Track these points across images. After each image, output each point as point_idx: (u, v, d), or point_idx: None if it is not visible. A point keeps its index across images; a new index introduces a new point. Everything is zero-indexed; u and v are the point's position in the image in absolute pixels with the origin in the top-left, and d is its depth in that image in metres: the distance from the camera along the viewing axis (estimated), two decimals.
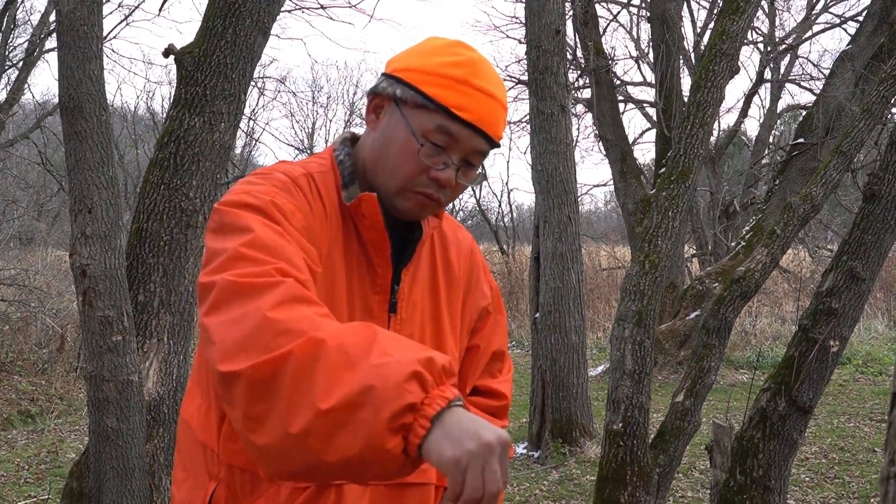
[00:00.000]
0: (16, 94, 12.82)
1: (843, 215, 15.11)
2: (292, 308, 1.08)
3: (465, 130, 1.30)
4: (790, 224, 3.68)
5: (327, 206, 1.33)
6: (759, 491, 3.35)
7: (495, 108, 1.32)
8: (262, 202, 1.23)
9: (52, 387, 8.07)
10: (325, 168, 1.38)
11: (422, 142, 1.30)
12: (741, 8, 3.73)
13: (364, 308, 1.35)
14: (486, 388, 1.54)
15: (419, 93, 1.29)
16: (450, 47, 1.35)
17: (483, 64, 1.33)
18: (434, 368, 1.03)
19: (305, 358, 1.02)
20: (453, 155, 1.31)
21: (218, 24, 3.64)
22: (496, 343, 1.56)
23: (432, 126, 1.29)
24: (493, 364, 1.55)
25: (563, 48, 6.63)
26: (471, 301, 1.51)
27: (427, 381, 1.01)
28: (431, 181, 1.32)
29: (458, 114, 1.28)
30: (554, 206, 6.49)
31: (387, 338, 1.06)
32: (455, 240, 1.52)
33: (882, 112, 3.68)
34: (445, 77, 1.30)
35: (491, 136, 1.32)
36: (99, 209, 3.29)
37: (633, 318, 3.59)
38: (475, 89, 1.30)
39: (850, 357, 9.76)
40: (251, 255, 1.14)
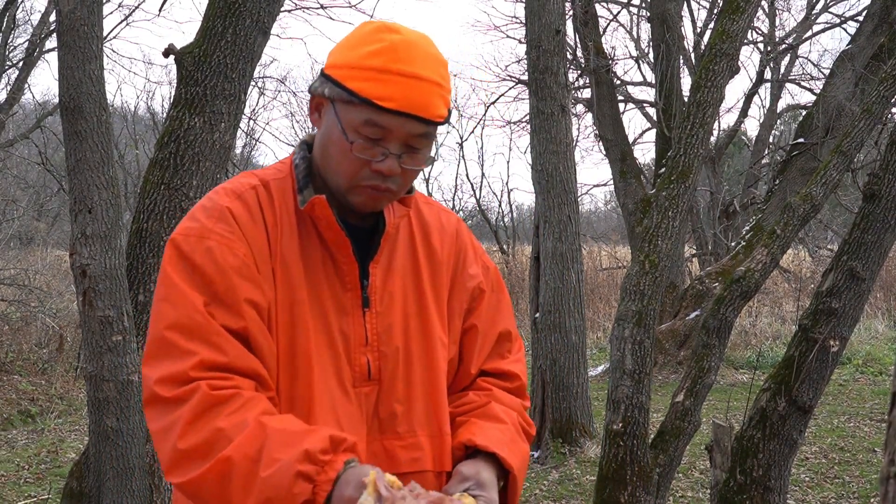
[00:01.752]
0: (16, 94, 12.82)
1: (843, 215, 15.11)
2: (204, 421, 1.22)
3: (395, 119, 1.28)
4: (790, 224, 3.68)
5: (279, 214, 1.36)
6: (759, 491, 3.35)
7: (424, 88, 1.29)
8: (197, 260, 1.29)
9: (52, 387, 8.07)
10: (283, 174, 1.40)
11: (352, 138, 1.30)
12: (741, 8, 3.73)
13: (337, 307, 1.36)
14: (497, 371, 1.53)
15: (344, 89, 1.29)
16: (373, 34, 1.33)
17: (406, 46, 1.30)
18: (313, 457, 1.18)
19: (218, 477, 1.20)
20: (390, 144, 1.31)
21: (218, 24, 3.64)
22: (500, 323, 1.54)
23: (361, 120, 1.29)
24: (501, 345, 1.54)
25: (563, 48, 6.63)
26: (460, 283, 1.50)
27: (310, 473, 1.18)
28: (375, 174, 1.32)
29: (382, 104, 1.27)
30: (554, 206, 6.49)
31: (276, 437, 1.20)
32: (438, 223, 1.51)
33: (882, 112, 3.68)
34: (366, 69, 1.29)
35: (426, 118, 1.30)
36: (99, 209, 3.29)
37: (633, 318, 3.59)
38: (397, 75, 1.28)
39: (851, 357, 9.75)
40: (172, 340, 1.26)
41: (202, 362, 1.23)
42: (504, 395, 1.50)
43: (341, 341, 1.36)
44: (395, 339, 1.40)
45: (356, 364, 1.37)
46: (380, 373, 1.38)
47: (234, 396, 1.22)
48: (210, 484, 1.20)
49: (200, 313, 1.25)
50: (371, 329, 1.38)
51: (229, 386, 1.23)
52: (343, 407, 1.35)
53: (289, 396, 1.32)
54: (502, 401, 1.48)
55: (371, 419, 1.38)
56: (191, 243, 1.30)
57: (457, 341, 1.49)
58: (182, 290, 1.27)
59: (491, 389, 1.50)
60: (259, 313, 1.29)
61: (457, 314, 1.49)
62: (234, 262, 1.29)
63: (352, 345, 1.37)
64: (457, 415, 1.46)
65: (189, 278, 1.28)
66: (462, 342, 1.51)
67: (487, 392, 1.49)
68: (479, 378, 1.52)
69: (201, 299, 1.26)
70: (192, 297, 1.27)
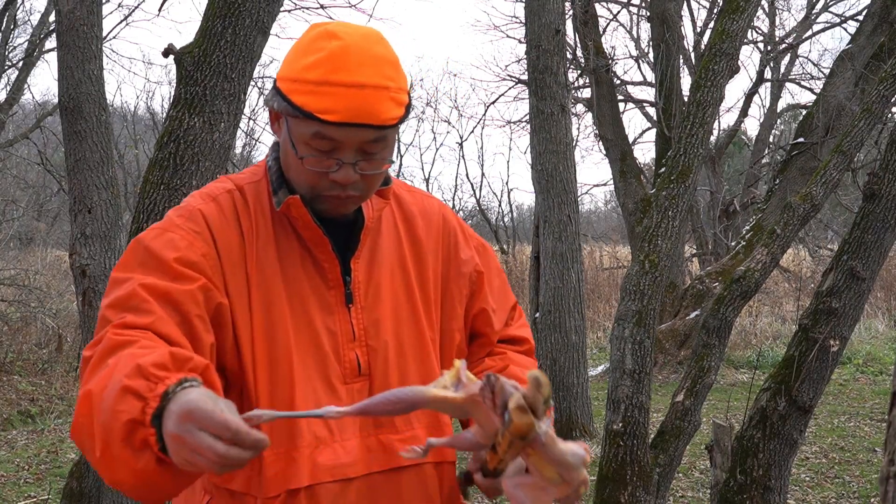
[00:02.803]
0: (16, 94, 12.82)
1: (843, 215, 15.11)
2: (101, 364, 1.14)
3: (342, 130, 1.26)
4: (790, 223, 3.68)
5: (255, 217, 1.35)
6: (759, 491, 3.35)
7: (367, 95, 1.25)
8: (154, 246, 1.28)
9: (51, 387, 8.08)
10: (258, 177, 1.40)
11: (302, 153, 1.28)
12: (741, 7, 3.73)
13: (322, 305, 1.36)
14: (507, 336, 1.55)
15: (290, 104, 1.27)
16: (313, 43, 1.30)
17: (344, 53, 1.26)
18: (146, 371, 1.06)
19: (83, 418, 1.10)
20: (343, 154, 1.28)
21: (217, 24, 3.64)
22: (507, 299, 1.56)
23: (309, 134, 1.27)
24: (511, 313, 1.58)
25: (562, 48, 6.63)
26: (455, 269, 1.49)
27: (140, 388, 1.05)
28: (333, 184, 1.30)
29: (326, 118, 1.25)
30: (554, 205, 6.49)
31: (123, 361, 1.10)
32: (422, 212, 1.50)
33: (882, 111, 3.68)
34: (306, 81, 1.26)
35: (374, 125, 1.27)
36: (99, 209, 3.29)
37: (633, 318, 3.59)
38: (337, 86, 1.25)
39: (851, 357, 9.75)
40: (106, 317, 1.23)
41: (122, 323, 1.20)
42: (519, 357, 1.52)
43: (328, 338, 1.35)
44: (383, 332, 1.39)
45: (345, 360, 1.36)
46: (370, 367, 1.38)
47: (131, 342, 1.16)
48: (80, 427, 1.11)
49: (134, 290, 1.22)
50: (358, 324, 1.38)
51: (133, 334, 1.17)
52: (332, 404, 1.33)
53: (269, 399, 1.31)
54: (517, 361, 1.50)
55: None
56: (154, 234, 1.30)
57: (461, 328, 1.49)
58: (128, 274, 1.26)
59: (505, 353, 1.52)
60: (206, 302, 1.26)
61: (457, 301, 1.49)
62: (190, 256, 1.27)
63: (339, 341, 1.36)
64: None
65: (139, 262, 1.27)
66: (476, 325, 1.51)
67: (502, 356, 1.51)
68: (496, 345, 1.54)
69: (143, 278, 1.24)
70: (137, 277, 1.24)
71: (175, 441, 1.01)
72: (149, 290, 1.22)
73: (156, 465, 1.05)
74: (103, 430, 1.06)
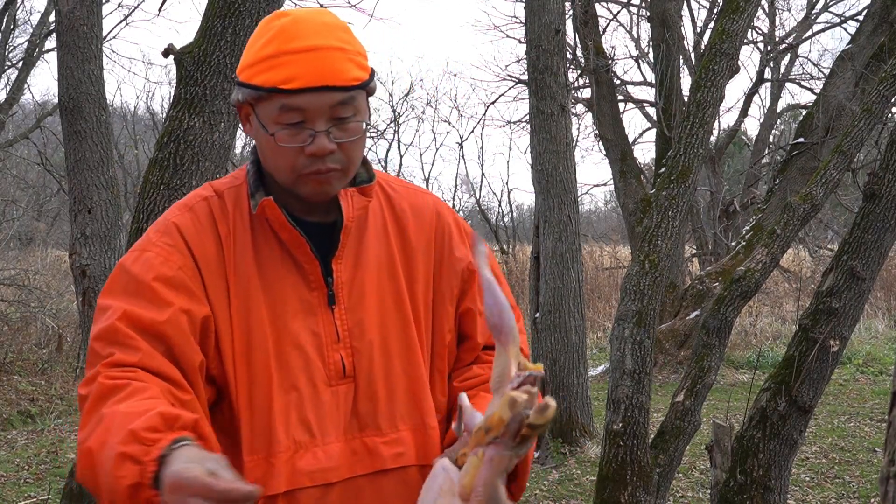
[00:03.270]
0: (15, 94, 12.83)
1: (843, 215, 15.11)
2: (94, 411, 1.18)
3: (307, 96, 1.26)
4: (790, 224, 3.68)
5: (233, 221, 1.35)
6: (759, 491, 3.35)
7: (325, 56, 1.26)
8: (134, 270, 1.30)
9: (51, 387, 8.07)
10: (238, 181, 1.40)
11: (273, 130, 1.28)
12: (741, 7, 3.73)
13: (304, 307, 1.34)
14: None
15: (252, 87, 1.28)
16: (264, 26, 1.32)
17: (295, 23, 1.28)
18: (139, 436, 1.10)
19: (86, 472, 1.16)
20: (315, 123, 1.28)
21: (217, 24, 3.64)
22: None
23: (276, 110, 1.27)
24: None
25: (563, 48, 6.63)
26: (448, 266, 1.46)
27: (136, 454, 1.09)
28: (311, 158, 1.29)
29: (288, 87, 1.25)
30: (554, 205, 6.49)
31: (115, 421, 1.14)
32: (414, 208, 1.47)
33: (882, 111, 3.68)
34: (264, 60, 1.27)
35: (339, 85, 1.26)
36: (99, 209, 3.29)
37: (634, 318, 3.58)
38: (292, 53, 1.26)
39: (851, 357, 9.74)
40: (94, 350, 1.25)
41: (112, 361, 1.22)
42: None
43: (312, 340, 1.34)
44: (368, 333, 1.37)
45: (329, 362, 1.34)
46: (354, 369, 1.36)
47: (124, 386, 1.19)
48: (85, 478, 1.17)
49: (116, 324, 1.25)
50: (342, 325, 1.36)
51: (124, 376, 1.20)
52: (313, 408, 1.32)
53: (248, 403, 1.30)
54: None
55: (350, 417, 1.35)
56: (134, 257, 1.32)
57: (452, 328, 1.46)
58: (108, 304, 1.28)
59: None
60: (190, 321, 1.27)
61: (448, 299, 1.45)
62: (167, 272, 1.29)
63: (323, 342, 1.34)
64: (463, 389, 1.43)
65: (120, 289, 1.29)
66: (461, 325, 1.48)
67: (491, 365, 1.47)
68: (482, 351, 1.49)
69: (124, 307, 1.26)
70: (116, 307, 1.26)
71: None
72: (132, 323, 1.25)
73: None
74: (108, 491, 1.12)
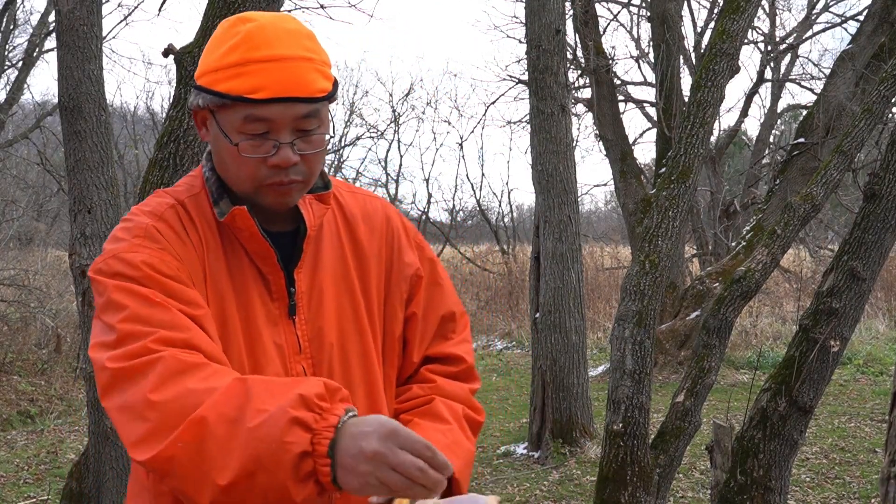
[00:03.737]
0: (15, 94, 12.82)
1: (844, 215, 15.11)
2: (173, 384, 1.10)
3: (273, 107, 1.22)
4: (790, 224, 3.67)
5: (201, 230, 1.31)
6: (759, 491, 3.34)
7: (291, 67, 1.22)
8: (132, 268, 1.22)
9: (51, 387, 8.07)
10: (195, 189, 1.35)
11: (236, 140, 1.24)
12: (742, 7, 3.73)
13: (268, 318, 1.32)
14: (441, 355, 1.48)
15: (215, 94, 1.24)
16: (228, 31, 1.27)
17: (261, 30, 1.24)
18: (310, 402, 1.07)
19: (192, 440, 1.06)
20: (279, 134, 1.24)
21: (217, 24, 3.63)
22: (442, 306, 1.49)
23: (240, 119, 1.23)
24: (444, 326, 1.49)
25: (563, 48, 6.62)
26: (397, 271, 1.45)
27: (307, 420, 1.06)
28: (273, 169, 1.26)
29: (254, 97, 1.21)
30: (554, 205, 6.48)
31: (260, 390, 1.09)
32: (364, 214, 1.45)
33: (883, 111, 3.67)
34: (228, 66, 1.23)
35: (304, 97, 1.23)
36: (98, 209, 3.28)
37: (634, 318, 3.58)
38: (258, 62, 1.21)
39: (851, 357, 9.74)
40: (128, 330, 1.16)
41: (162, 338, 1.15)
42: (449, 385, 1.45)
43: (276, 353, 1.31)
44: (327, 342, 1.35)
45: (292, 373, 1.32)
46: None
47: (202, 364, 1.14)
48: (182, 453, 1.06)
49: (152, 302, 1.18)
50: (302, 336, 1.34)
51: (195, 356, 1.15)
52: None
53: None
54: (447, 392, 1.44)
55: None
56: (122, 259, 1.23)
57: (401, 335, 1.45)
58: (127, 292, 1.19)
59: (435, 381, 1.45)
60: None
61: (398, 305, 1.45)
62: (168, 271, 1.23)
63: (286, 354, 1.32)
64: (401, 411, 1.43)
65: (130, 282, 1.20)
66: (405, 330, 1.46)
67: (431, 385, 1.45)
68: (423, 367, 1.47)
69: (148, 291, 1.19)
70: (139, 291, 1.19)
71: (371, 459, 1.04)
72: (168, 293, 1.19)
73: (316, 496, 1.07)
74: (251, 460, 1.04)
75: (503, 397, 8.67)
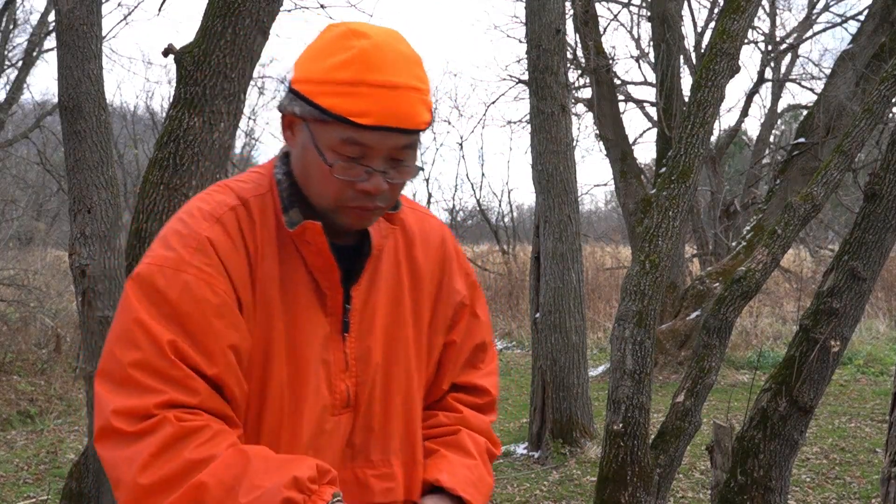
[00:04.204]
0: (15, 94, 12.82)
1: (844, 215, 15.11)
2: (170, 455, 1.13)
3: (375, 135, 1.18)
4: (791, 224, 3.67)
5: (260, 235, 1.27)
6: (759, 491, 3.34)
7: (402, 97, 1.18)
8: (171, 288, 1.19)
9: (51, 387, 8.07)
10: (262, 189, 1.30)
11: (331, 160, 1.20)
12: (742, 7, 3.72)
13: (317, 334, 1.29)
14: (468, 384, 1.48)
15: (316, 107, 1.18)
16: (340, 41, 1.21)
17: (377, 50, 1.18)
18: (302, 485, 1.14)
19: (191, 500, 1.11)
20: (373, 161, 1.21)
21: (217, 24, 3.63)
22: (477, 336, 1.49)
23: (338, 139, 1.19)
24: (475, 356, 1.49)
25: (563, 48, 6.62)
26: (444, 296, 1.44)
27: (298, 501, 1.13)
28: (360, 194, 1.22)
29: (359, 121, 1.16)
30: (554, 205, 6.48)
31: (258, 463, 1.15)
32: (422, 234, 1.42)
33: (883, 111, 3.66)
34: (337, 82, 1.17)
35: (408, 129, 1.19)
36: (98, 209, 3.28)
37: (634, 318, 3.58)
38: (371, 86, 1.16)
39: (851, 357, 9.74)
40: (137, 379, 1.16)
41: (169, 401, 1.15)
42: (474, 418, 1.46)
43: (322, 369, 1.30)
44: (373, 363, 1.34)
45: (336, 391, 1.31)
46: (357, 399, 1.33)
47: (203, 428, 1.15)
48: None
49: (168, 356, 1.16)
50: (351, 353, 1.32)
51: (196, 419, 1.16)
52: (317, 436, 1.30)
53: (255, 427, 1.27)
54: (472, 424, 1.44)
55: (344, 446, 1.33)
56: (167, 276, 1.20)
57: (436, 360, 1.45)
58: (149, 327, 1.17)
59: (461, 412, 1.45)
60: (238, 357, 1.22)
61: (440, 331, 1.44)
62: (213, 300, 1.20)
63: (332, 371, 1.31)
64: (426, 437, 1.42)
65: (159, 313, 1.18)
66: (440, 356, 1.45)
67: (458, 416, 1.45)
68: (449, 394, 1.47)
69: (170, 337, 1.17)
70: (161, 335, 1.17)
71: None
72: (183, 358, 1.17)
73: None
74: None
75: (503, 397, 8.67)
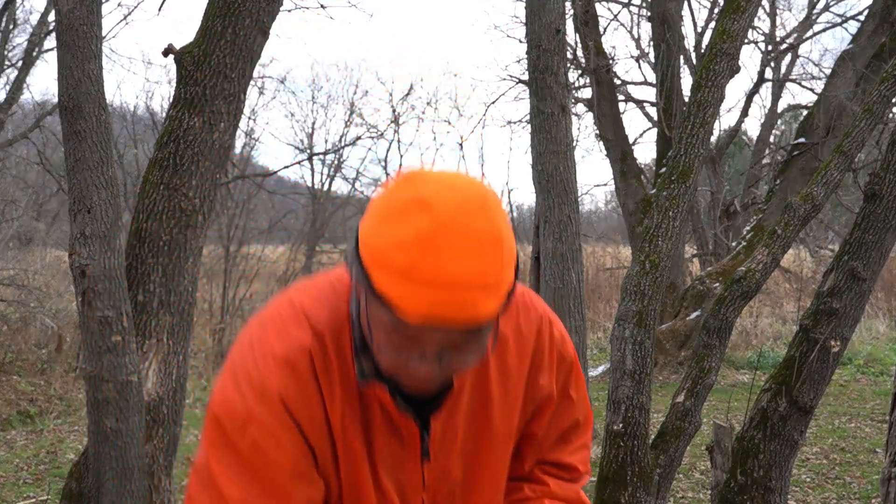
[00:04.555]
0: (15, 94, 12.82)
1: (844, 215, 15.11)
2: None
3: (424, 329, 1.03)
4: (791, 224, 3.67)
5: (339, 374, 1.19)
6: (759, 491, 3.34)
7: (462, 298, 1.00)
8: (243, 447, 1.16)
9: (51, 387, 8.07)
10: (339, 321, 1.20)
11: (378, 342, 1.09)
12: (742, 7, 3.72)
13: (394, 462, 1.26)
14: (557, 462, 1.44)
15: (368, 280, 1.04)
16: (407, 208, 1.03)
17: (440, 231, 1.00)
18: None
19: None
20: (424, 352, 1.07)
21: (217, 24, 3.63)
22: (567, 419, 1.44)
23: (386, 324, 1.05)
24: (565, 436, 1.45)
25: (563, 48, 6.62)
26: (529, 395, 1.36)
27: None
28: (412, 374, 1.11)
29: (404, 318, 1.02)
30: (554, 205, 6.48)
31: None
32: (516, 334, 1.31)
33: (883, 111, 3.67)
34: (390, 264, 1.01)
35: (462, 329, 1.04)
36: (98, 209, 3.28)
37: (634, 319, 3.58)
38: (420, 284, 1.00)
39: (851, 357, 9.74)
40: None
41: None
42: (560, 488, 1.42)
43: (396, 490, 1.28)
44: (452, 478, 1.32)
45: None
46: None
47: None
48: None
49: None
50: (429, 475, 1.30)
51: None
52: None
53: None
54: (558, 496, 1.42)
55: None
56: (236, 425, 1.16)
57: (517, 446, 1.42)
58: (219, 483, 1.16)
59: (547, 485, 1.42)
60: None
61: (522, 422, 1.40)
62: (283, 458, 1.16)
63: (407, 490, 1.29)
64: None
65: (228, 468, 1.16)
66: (519, 444, 1.41)
67: (543, 488, 1.42)
68: (536, 467, 1.43)
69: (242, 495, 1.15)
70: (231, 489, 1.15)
71: None
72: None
73: None
74: None
75: None
